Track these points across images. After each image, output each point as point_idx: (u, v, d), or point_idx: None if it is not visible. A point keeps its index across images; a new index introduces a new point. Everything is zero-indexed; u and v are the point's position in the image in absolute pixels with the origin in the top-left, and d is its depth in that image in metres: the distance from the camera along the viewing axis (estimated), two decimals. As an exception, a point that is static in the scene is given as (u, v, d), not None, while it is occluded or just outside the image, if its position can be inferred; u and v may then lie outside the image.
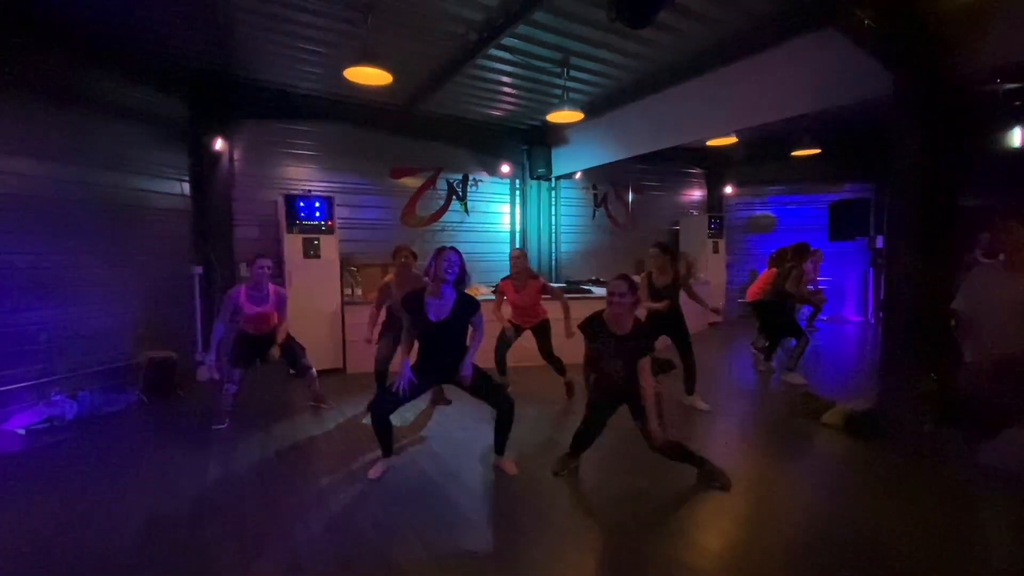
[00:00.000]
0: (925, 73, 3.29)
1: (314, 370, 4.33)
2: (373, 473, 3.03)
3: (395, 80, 4.37)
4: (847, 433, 3.74)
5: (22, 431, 3.84)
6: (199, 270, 5.56)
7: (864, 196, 8.78)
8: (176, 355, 4.96)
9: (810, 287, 7.09)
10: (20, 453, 3.52)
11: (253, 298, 3.95)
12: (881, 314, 8.81)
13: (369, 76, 4.09)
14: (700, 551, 2.34)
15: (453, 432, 3.82)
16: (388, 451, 3.10)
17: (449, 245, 2.97)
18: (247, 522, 2.55)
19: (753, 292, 5.99)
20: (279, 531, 2.48)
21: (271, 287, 4.05)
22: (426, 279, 2.96)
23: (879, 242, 8.76)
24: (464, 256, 3.00)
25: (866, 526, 2.54)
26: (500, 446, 3.11)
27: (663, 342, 4.48)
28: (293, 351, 4.19)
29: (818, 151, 7.70)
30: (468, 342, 3.07)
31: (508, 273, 4.59)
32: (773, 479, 3.11)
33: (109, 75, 4.81)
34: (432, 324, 2.87)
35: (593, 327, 2.93)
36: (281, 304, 4.09)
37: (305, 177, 6.32)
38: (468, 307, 2.96)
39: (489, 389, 3.01)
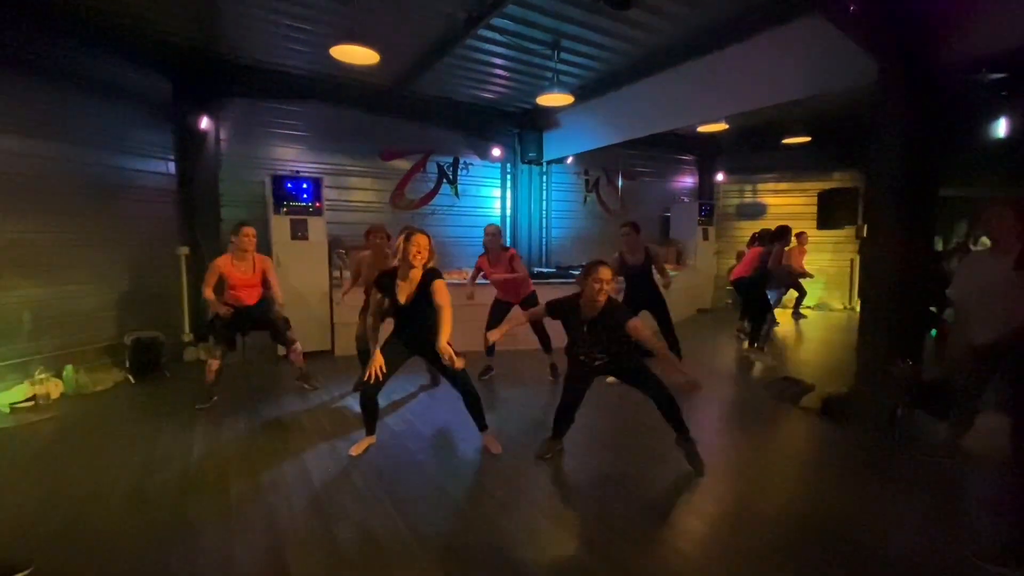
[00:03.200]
0: (910, 61, 3.31)
1: (299, 345, 4.30)
2: (355, 450, 3.07)
3: (383, 59, 4.33)
4: (823, 417, 3.83)
5: (6, 409, 3.84)
6: (185, 251, 5.52)
7: (852, 185, 8.84)
8: (162, 336, 4.96)
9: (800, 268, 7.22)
10: (4, 431, 3.52)
11: (238, 266, 3.94)
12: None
13: (355, 55, 4.05)
14: (680, 532, 2.40)
15: (440, 413, 3.87)
16: (371, 429, 3.15)
17: (418, 228, 2.97)
18: (230, 499, 2.59)
19: (738, 270, 6.07)
20: (262, 508, 2.51)
21: (256, 255, 4.04)
22: (396, 262, 2.94)
23: (866, 231, 8.86)
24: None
25: (841, 509, 2.60)
26: (478, 422, 3.15)
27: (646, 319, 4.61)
28: (276, 324, 4.17)
29: (808, 139, 7.74)
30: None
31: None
32: (752, 461, 3.19)
33: (91, 51, 4.71)
34: (401, 306, 2.92)
35: (563, 308, 2.91)
36: (266, 270, 4.08)
37: (293, 158, 6.26)
38: (431, 288, 2.90)
39: (455, 371, 2.97)
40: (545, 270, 7.38)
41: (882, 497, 2.73)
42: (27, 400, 4.00)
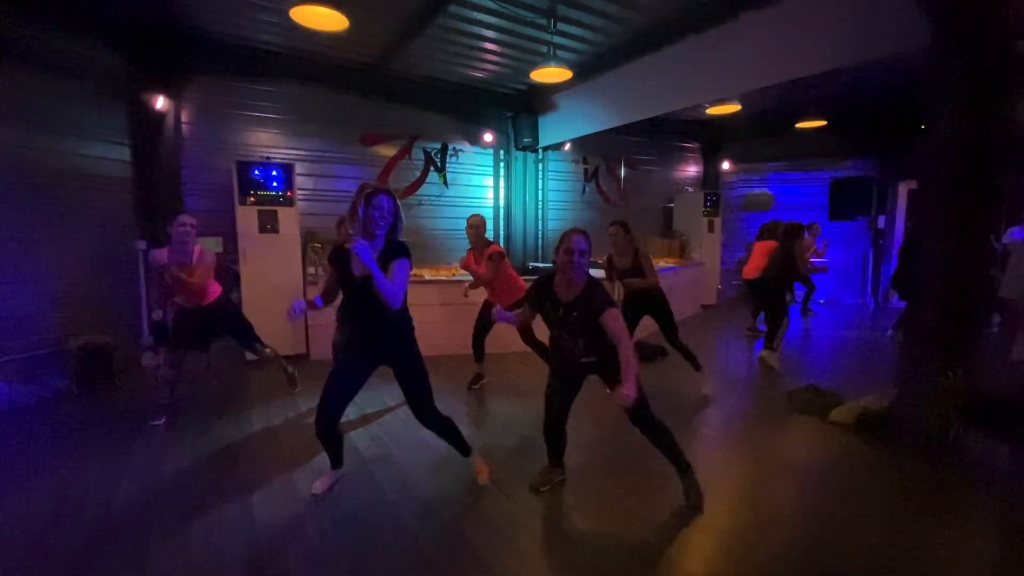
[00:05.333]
0: (974, 21, 2.78)
1: (269, 350, 3.91)
2: (318, 487, 2.57)
3: (355, 27, 3.78)
4: (859, 433, 3.35)
5: (-81, 429, 3.33)
6: (143, 245, 4.97)
7: (868, 174, 8.34)
8: (113, 340, 4.43)
9: (815, 261, 6.66)
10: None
11: (176, 260, 3.39)
12: (881, 299, 8.54)
13: (321, 18, 3.51)
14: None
15: (419, 432, 3.35)
16: (337, 462, 2.63)
17: (382, 188, 2.33)
18: (148, 549, 2.08)
19: (751, 268, 5.59)
20: (183, 563, 2.01)
21: (196, 248, 3.49)
22: (350, 229, 2.30)
23: (881, 222, 8.39)
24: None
25: (879, 541, 2.17)
26: (458, 448, 2.64)
27: (649, 325, 4.11)
28: (240, 327, 3.76)
29: (823, 123, 7.21)
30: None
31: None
32: (773, 485, 2.71)
33: (28, 20, 4.13)
34: (355, 278, 2.28)
35: (538, 292, 2.48)
36: (205, 265, 3.48)
37: (264, 143, 5.70)
38: (394, 253, 2.30)
39: (417, 398, 2.46)
40: (540, 265, 6.88)
41: (938, 538, 2.25)
42: (-53, 417, 3.49)
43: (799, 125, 7.36)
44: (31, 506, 2.42)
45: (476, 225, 3.99)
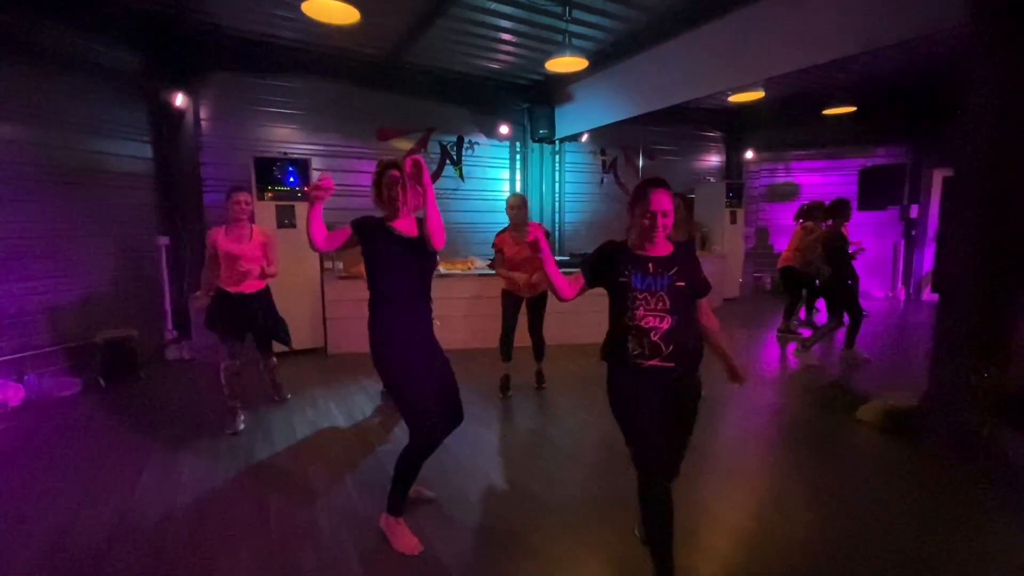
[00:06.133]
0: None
1: (275, 360, 3.75)
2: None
3: (366, 20, 3.75)
4: (886, 432, 3.23)
5: (-45, 420, 3.46)
6: (165, 241, 5.08)
7: (900, 161, 8.01)
8: (138, 334, 4.54)
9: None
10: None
11: (234, 239, 3.27)
12: (913, 292, 8.22)
13: (332, 12, 3.48)
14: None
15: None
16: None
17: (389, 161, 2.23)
18: (165, 551, 2.11)
19: (787, 257, 5.39)
20: (197, 566, 2.03)
21: (254, 228, 3.35)
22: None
23: (913, 211, 8.06)
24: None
25: (908, 543, 2.09)
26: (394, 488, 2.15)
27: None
28: (275, 319, 3.53)
29: (853, 109, 6.94)
30: None
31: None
32: (796, 485, 2.62)
33: (52, 23, 4.22)
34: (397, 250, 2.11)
35: (611, 252, 1.86)
36: (268, 247, 3.37)
37: (282, 138, 5.75)
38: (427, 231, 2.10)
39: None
40: (558, 258, 6.80)
41: (971, 541, 2.15)
42: (-17, 409, 3.62)
43: (827, 111, 7.09)
44: (54, 505, 2.46)
45: (518, 206, 3.74)
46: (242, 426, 3.31)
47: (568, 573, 1.99)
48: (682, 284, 1.77)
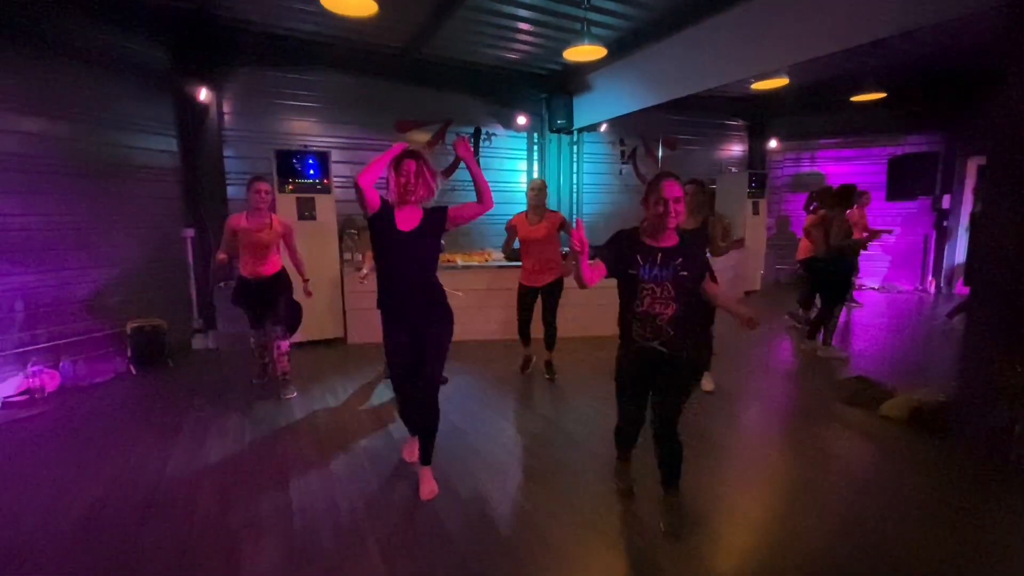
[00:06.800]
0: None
1: (286, 344, 3.84)
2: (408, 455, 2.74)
3: (384, 11, 3.76)
4: (911, 429, 3.15)
5: (-3, 403, 3.63)
6: (191, 233, 5.21)
7: (931, 149, 7.73)
8: (166, 323, 4.68)
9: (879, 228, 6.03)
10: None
11: (255, 226, 3.52)
12: (944, 284, 7.96)
13: (350, 3, 3.49)
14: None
15: (449, 416, 3.37)
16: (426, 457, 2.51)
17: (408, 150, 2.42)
18: (193, 527, 2.20)
19: (805, 248, 5.29)
20: (223, 541, 2.11)
21: (273, 217, 3.60)
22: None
23: (945, 202, 7.79)
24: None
25: (935, 542, 2.04)
26: (424, 447, 2.47)
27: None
28: (291, 304, 3.80)
29: (882, 96, 6.70)
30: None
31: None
32: (819, 482, 2.58)
33: (81, 19, 4.33)
34: (401, 235, 2.37)
35: (627, 242, 2.05)
36: (288, 235, 3.65)
37: (302, 131, 5.83)
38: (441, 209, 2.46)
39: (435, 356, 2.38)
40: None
41: (1001, 542, 2.09)
42: (21, 394, 3.78)
43: (855, 98, 6.87)
44: (92, 481, 2.58)
45: (538, 188, 3.93)
46: (294, 393, 3.74)
47: (582, 563, 2.00)
48: (686, 273, 1.98)
